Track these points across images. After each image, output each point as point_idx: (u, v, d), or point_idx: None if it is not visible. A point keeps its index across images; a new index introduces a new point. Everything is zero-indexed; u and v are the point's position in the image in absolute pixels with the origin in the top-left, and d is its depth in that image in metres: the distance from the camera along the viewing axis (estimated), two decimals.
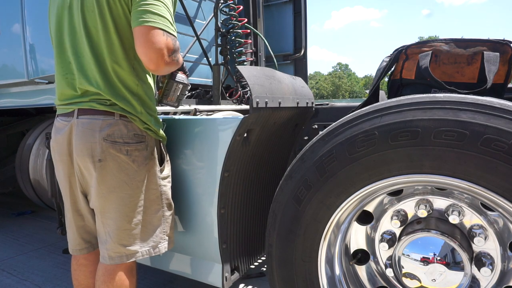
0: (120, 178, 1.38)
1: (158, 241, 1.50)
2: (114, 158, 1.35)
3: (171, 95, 1.60)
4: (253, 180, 1.81)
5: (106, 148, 1.34)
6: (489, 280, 1.23)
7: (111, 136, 1.34)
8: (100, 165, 1.35)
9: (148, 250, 1.47)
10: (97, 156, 1.34)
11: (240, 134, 1.52)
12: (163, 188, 1.51)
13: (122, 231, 1.42)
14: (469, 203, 1.25)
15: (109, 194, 1.39)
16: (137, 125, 1.40)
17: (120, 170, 1.37)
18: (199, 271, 1.74)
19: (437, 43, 1.58)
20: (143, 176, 1.43)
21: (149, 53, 1.25)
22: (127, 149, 1.37)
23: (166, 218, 1.53)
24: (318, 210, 1.31)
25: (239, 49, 2.94)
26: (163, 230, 1.52)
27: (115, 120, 1.36)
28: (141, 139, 1.41)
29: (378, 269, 1.44)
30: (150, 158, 1.46)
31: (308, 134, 2.17)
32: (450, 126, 1.08)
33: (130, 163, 1.38)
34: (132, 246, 1.44)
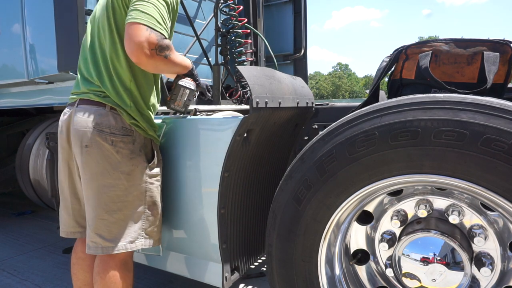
0: (102, 166, 1.43)
1: (136, 237, 1.50)
2: (99, 146, 1.43)
3: (178, 100, 1.65)
4: (253, 180, 1.81)
5: (93, 135, 1.42)
6: (489, 280, 1.23)
7: (100, 125, 1.43)
8: (86, 150, 1.43)
9: (125, 245, 1.48)
10: (84, 142, 1.43)
11: (240, 134, 1.52)
12: (148, 186, 1.52)
13: (99, 220, 1.45)
14: (469, 203, 1.25)
15: (91, 181, 1.45)
16: (125, 119, 1.46)
17: (103, 158, 1.43)
18: (199, 271, 1.74)
19: (437, 43, 1.58)
20: (126, 169, 1.46)
21: (130, 46, 1.35)
22: (112, 139, 1.44)
23: (148, 216, 1.54)
24: (318, 210, 1.31)
25: (239, 49, 2.94)
26: (142, 227, 1.52)
27: (106, 111, 1.45)
28: (128, 133, 1.47)
29: (378, 269, 1.44)
30: (137, 154, 1.49)
31: (308, 134, 2.17)
32: (450, 126, 1.08)
33: (113, 153, 1.44)
34: (108, 240, 1.45)
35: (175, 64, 1.49)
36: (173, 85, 1.67)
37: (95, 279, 1.51)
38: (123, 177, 1.45)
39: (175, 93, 1.64)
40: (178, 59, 1.52)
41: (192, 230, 1.72)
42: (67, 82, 2.44)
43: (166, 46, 1.39)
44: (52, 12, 2.10)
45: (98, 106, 1.46)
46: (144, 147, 1.53)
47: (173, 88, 1.66)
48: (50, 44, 2.23)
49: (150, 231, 1.55)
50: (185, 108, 1.66)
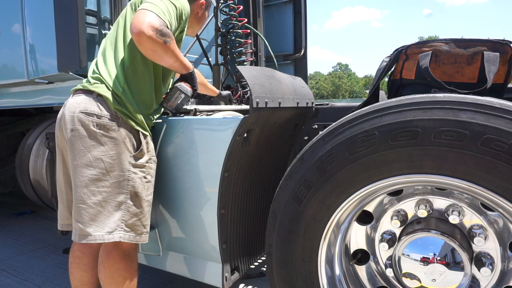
0: (85, 147, 1.47)
1: (115, 228, 1.48)
2: (84, 127, 1.47)
3: (171, 101, 1.66)
4: (253, 180, 1.81)
5: (79, 119, 1.47)
6: (489, 280, 1.23)
7: (86, 109, 1.49)
8: (72, 134, 1.48)
9: (102, 236, 1.46)
10: (71, 126, 1.48)
11: (240, 134, 1.52)
12: (131, 175, 1.51)
13: (78, 206, 1.46)
14: (469, 203, 1.25)
15: (73, 162, 1.48)
16: (110, 105, 1.51)
17: (86, 139, 1.47)
18: (199, 271, 1.74)
19: (437, 43, 1.58)
20: (108, 154, 1.47)
21: (133, 24, 1.42)
22: (96, 122, 1.48)
23: (128, 207, 1.51)
24: (318, 210, 1.31)
25: (239, 49, 2.94)
26: (122, 218, 1.50)
27: (93, 97, 1.52)
28: (114, 119, 1.51)
29: (378, 269, 1.44)
30: (121, 141, 1.51)
31: (308, 134, 2.17)
32: (450, 126, 1.08)
33: (97, 137, 1.47)
34: (86, 227, 1.45)
35: (174, 55, 1.53)
36: (171, 87, 1.70)
37: (99, 268, 1.54)
38: (104, 162, 1.46)
39: (170, 94, 1.66)
40: (179, 53, 1.57)
41: (192, 230, 1.72)
42: (67, 82, 2.44)
43: (167, 33, 1.46)
44: (52, 12, 2.10)
45: (87, 93, 1.53)
46: (130, 135, 1.54)
47: (170, 89, 1.69)
48: (50, 44, 2.23)
49: (131, 224, 1.51)
50: (176, 110, 1.68)
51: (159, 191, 1.78)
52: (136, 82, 1.57)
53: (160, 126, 1.74)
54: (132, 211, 1.52)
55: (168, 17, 1.49)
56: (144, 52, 1.50)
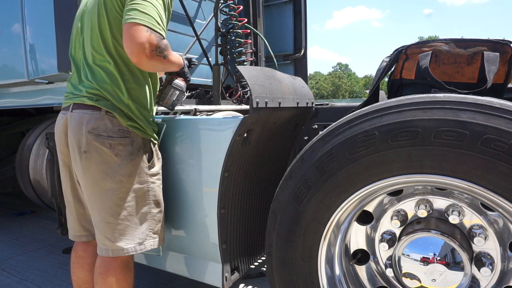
0: (102, 170, 1.43)
1: (144, 238, 1.51)
2: (97, 150, 1.42)
3: (167, 99, 1.66)
4: (253, 180, 1.81)
5: (91, 140, 1.41)
6: (489, 280, 1.23)
7: (96, 129, 1.42)
8: (85, 156, 1.42)
9: (134, 247, 1.48)
10: (82, 148, 1.42)
11: (240, 134, 1.52)
12: (150, 185, 1.52)
13: (106, 224, 1.45)
14: (469, 203, 1.25)
15: (93, 186, 1.45)
16: (121, 121, 1.45)
17: (103, 162, 1.43)
18: (199, 271, 1.74)
19: (437, 43, 1.58)
20: (127, 171, 1.45)
21: (130, 47, 1.34)
22: (110, 142, 1.43)
23: (153, 216, 1.54)
24: (318, 210, 1.31)
25: (239, 49, 2.94)
26: (149, 228, 1.53)
27: (101, 114, 1.44)
28: (126, 134, 1.46)
29: (378, 269, 1.44)
30: (136, 154, 1.48)
31: (308, 134, 2.17)
32: (450, 126, 1.08)
33: (112, 157, 1.43)
34: (117, 242, 1.46)
35: (171, 64, 1.51)
36: (164, 83, 1.68)
37: (97, 279, 1.51)
38: (124, 179, 1.45)
39: (165, 92, 1.66)
40: (174, 58, 1.54)
41: (192, 230, 1.72)
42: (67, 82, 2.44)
43: (164, 46, 1.40)
44: (52, 12, 2.11)
45: (93, 110, 1.44)
46: (143, 146, 1.53)
47: (164, 86, 1.67)
48: (50, 44, 2.23)
49: (156, 230, 1.56)
50: (173, 106, 1.68)
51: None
52: (138, 91, 1.52)
53: (160, 126, 1.73)
54: (157, 219, 1.56)
55: (161, 21, 1.40)
56: (144, 69, 1.48)
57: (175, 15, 3.06)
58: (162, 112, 2.02)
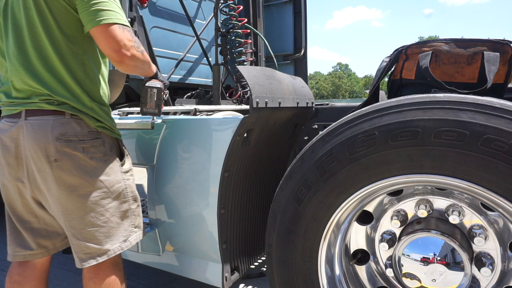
0: (79, 176, 1.34)
1: (128, 235, 1.48)
2: (70, 156, 1.32)
3: (148, 102, 1.60)
4: (253, 180, 1.81)
5: (61, 147, 1.31)
6: (489, 280, 1.23)
7: (65, 135, 1.32)
8: (57, 165, 1.31)
9: (120, 246, 1.45)
10: (52, 156, 1.31)
11: (240, 134, 1.52)
12: (126, 182, 1.49)
13: (90, 230, 1.39)
14: (469, 203, 1.25)
15: (70, 194, 1.35)
16: (89, 123, 1.37)
17: (78, 168, 1.34)
18: (199, 271, 1.74)
19: (437, 43, 1.58)
20: (104, 172, 1.40)
21: (112, 48, 1.30)
22: (83, 146, 1.34)
23: (133, 211, 1.51)
24: (318, 210, 1.31)
25: (239, 49, 2.94)
26: (131, 223, 1.50)
27: (66, 119, 1.33)
28: (97, 135, 1.39)
29: (378, 269, 1.44)
30: (109, 155, 1.43)
31: (308, 134, 2.17)
32: (450, 126, 1.08)
33: (87, 161, 1.36)
34: (103, 245, 1.41)
35: (147, 60, 1.45)
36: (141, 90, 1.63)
37: (88, 285, 1.46)
38: (102, 181, 1.39)
39: (143, 96, 1.60)
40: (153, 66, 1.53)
41: (192, 230, 1.72)
42: None
43: (138, 40, 1.38)
44: None
45: (56, 115, 1.32)
46: (113, 145, 1.47)
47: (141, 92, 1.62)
48: None
49: (137, 224, 1.54)
50: (158, 108, 1.62)
51: (159, 191, 1.78)
52: (96, 91, 1.43)
53: (160, 126, 1.74)
54: (136, 213, 1.54)
55: (123, 13, 1.36)
56: (125, 70, 1.42)
57: (175, 15, 3.07)
58: (162, 112, 2.01)
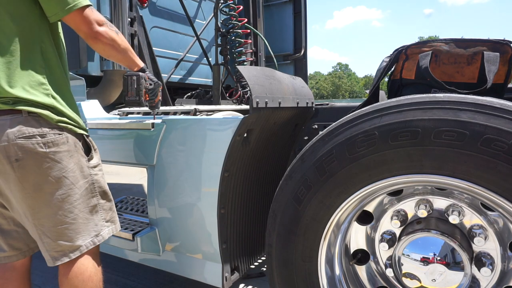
0: (43, 174, 1.30)
1: (100, 229, 1.45)
2: (31, 155, 1.27)
3: (129, 90, 1.62)
4: (253, 180, 1.81)
5: (21, 146, 1.25)
6: (489, 280, 1.23)
7: (24, 133, 1.26)
8: (18, 164, 1.26)
9: (91, 241, 1.42)
10: (13, 157, 1.25)
11: (240, 134, 1.52)
12: (94, 177, 1.45)
13: (59, 227, 1.35)
14: (469, 203, 1.25)
15: (36, 193, 1.31)
16: (49, 120, 1.30)
17: (41, 166, 1.29)
18: (199, 271, 1.74)
19: (437, 43, 1.58)
20: (69, 168, 1.35)
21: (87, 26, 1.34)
22: (44, 142, 1.29)
23: (102, 206, 1.47)
24: (318, 210, 1.31)
25: (239, 49, 2.94)
26: (102, 218, 1.47)
27: (24, 117, 1.27)
28: (59, 131, 1.33)
29: (378, 269, 1.44)
30: (74, 150, 1.38)
31: (308, 134, 2.17)
32: (450, 126, 1.08)
33: (50, 157, 1.30)
34: (74, 241, 1.38)
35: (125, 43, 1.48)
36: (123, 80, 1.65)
37: (62, 281, 1.42)
38: (68, 177, 1.35)
39: (124, 85, 1.61)
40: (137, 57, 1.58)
41: (192, 230, 1.72)
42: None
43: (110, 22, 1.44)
44: None
45: (12, 114, 1.26)
46: (77, 141, 1.41)
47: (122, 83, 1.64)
48: None
49: (110, 218, 1.51)
50: (139, 96, 1.61)
51: (159, 191, 1.78)
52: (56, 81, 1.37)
53: (160, 126, 1.74)
54: (107, 208, 1.50)
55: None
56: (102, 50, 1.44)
57: (175, 15, 3.07)
58: (162, 112, 2.02)
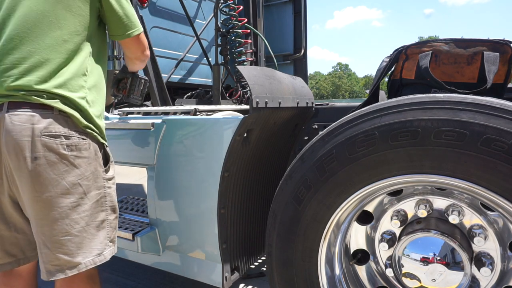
0: (59, 177, 1.25)
1: (103, 248, 1.36)
2: (52, 155, 1.23)
3: (136, 90, 1.77)
4: (253, 180, 1.81)
5: (45, 143, 1.22)
6: (489, 280, 1.23)
7: (51, 131, 1.23)
8: (36, 163, 1.22)
9: (92, 260, 1.32)
10: (33, 153, 1.21)
11: (240, 134, 1.52)
12: (107, 190, 1.39)
13: (62, 238, 1.27)
14: (469, 203, 1.25)
15: (45, 196, 1.24)
16: (77, 123, 1.28)
17: (58, 168, 1.25)
18: (199, 271, 1.74)
19: (437, 43, 1.58)
20: (85, 176, 1.30)
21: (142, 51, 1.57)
22: (66, 144, 1.26)
23: (110, 223, 1.40)
24: (318, 210, 1.31)
25: (239, 49, 2.94)
26: (107, 236, 1.38)
27: (54, 114, 1.24)
28: (83, 136, 1.30)
29: (378, 269, 1.44)
30: (93, 158, 1.34)
31: (308, 134, 2.17)
32: (450, 126, 1.08)
33: (70, 161, 1.27)
34: (74, 257, 1.28)
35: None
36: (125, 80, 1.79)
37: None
38: (82, 185, 1.30)
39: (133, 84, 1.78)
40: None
41: (192, 230, 1.72)
42: None
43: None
44: None
45: (43, 110, 1.23)
46: (98, 150, 1.37)
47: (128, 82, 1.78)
48: None
49: (113, 238, 1.42)
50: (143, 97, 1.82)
51: (159, 191, 1.78)
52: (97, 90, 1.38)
53: (160, 126, 1.74)
54: (113, 226, 1.42)
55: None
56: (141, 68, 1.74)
57: (175, 15, 3.07)
58: (162, 112, 2.02)
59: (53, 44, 1.26)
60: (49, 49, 1.25)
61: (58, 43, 1.27)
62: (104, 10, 1.38)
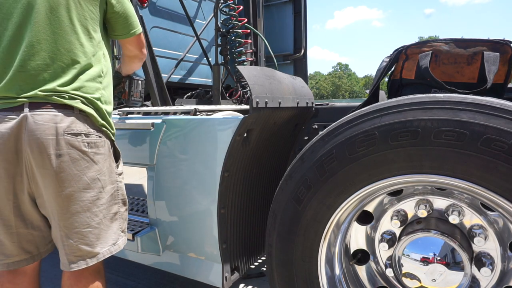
0: (80, 173, 1.33)
1: (117, 238, 1.46)
2: (75, 152, 1.31)
3: (135, 92, 1.82)
4: (253, 180, 1.81)
5: (68, 141, 1.29)
6: (489, 280, 1.23)
7: (73, 130, 1.30)
8: (60, 160, 1.28)
9: (108, 249, 1.42)
10: (58, 151, 1.28)
11: (240, 134, 1.52)
12: (119, 184, 1.49)
13: (84, 230, 1.36)
14: (469, 203, 1.25)
15: (68, 191, 1.32)
16: (94, 121, 1.37)
17: (80, 164, 1.33)
18: (199, 271, 1.74)
19: (437, 43, 1.58)
20: (103, 171, 1.40)
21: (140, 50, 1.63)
22: (88, 143, 1.35)
23: (122, 214, 1.50)
24: (318, 210, 1.31)
25: (239, 49, 2.94)
26: (120, 227, 1.49)
27: (75, 114, 1.32)
28: (100, 133, 1.39)
29: (378, 269, 1.44)
30: (108, 155, 1.43)
31: (308, 134, 2.17)
32: (450, 126, 1.08)
33: (90, 158, 1.35)
34: (94, 247, 1.38)
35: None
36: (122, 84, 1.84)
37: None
38: (100, 180, 1.39)
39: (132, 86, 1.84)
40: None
41: (192, 230, 1.72)
42: None
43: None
44: None
45: (65, 109, 1.30)
46: (111, 146, 1.48)
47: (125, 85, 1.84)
48: None
49: (124, 228, 1.53)
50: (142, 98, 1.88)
51: (159, 191, 1.78)
52: (109, 89, 1.48)
53: (160, 126, 1.74)
54: (124, 217, 1.52)
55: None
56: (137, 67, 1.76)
57: (175, 15, 3.07)
58: (162, 112, 2.02)
59: (71, 49, 1.33)
60: (68, 54, 1.32)
61: (77, 47, 1.34)
62: (110, 11, 1.45)
